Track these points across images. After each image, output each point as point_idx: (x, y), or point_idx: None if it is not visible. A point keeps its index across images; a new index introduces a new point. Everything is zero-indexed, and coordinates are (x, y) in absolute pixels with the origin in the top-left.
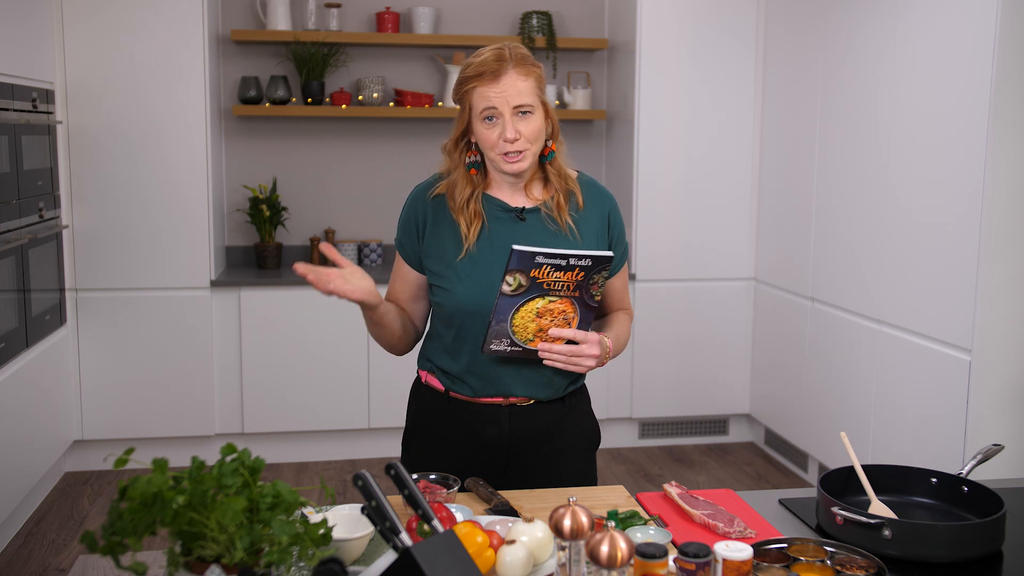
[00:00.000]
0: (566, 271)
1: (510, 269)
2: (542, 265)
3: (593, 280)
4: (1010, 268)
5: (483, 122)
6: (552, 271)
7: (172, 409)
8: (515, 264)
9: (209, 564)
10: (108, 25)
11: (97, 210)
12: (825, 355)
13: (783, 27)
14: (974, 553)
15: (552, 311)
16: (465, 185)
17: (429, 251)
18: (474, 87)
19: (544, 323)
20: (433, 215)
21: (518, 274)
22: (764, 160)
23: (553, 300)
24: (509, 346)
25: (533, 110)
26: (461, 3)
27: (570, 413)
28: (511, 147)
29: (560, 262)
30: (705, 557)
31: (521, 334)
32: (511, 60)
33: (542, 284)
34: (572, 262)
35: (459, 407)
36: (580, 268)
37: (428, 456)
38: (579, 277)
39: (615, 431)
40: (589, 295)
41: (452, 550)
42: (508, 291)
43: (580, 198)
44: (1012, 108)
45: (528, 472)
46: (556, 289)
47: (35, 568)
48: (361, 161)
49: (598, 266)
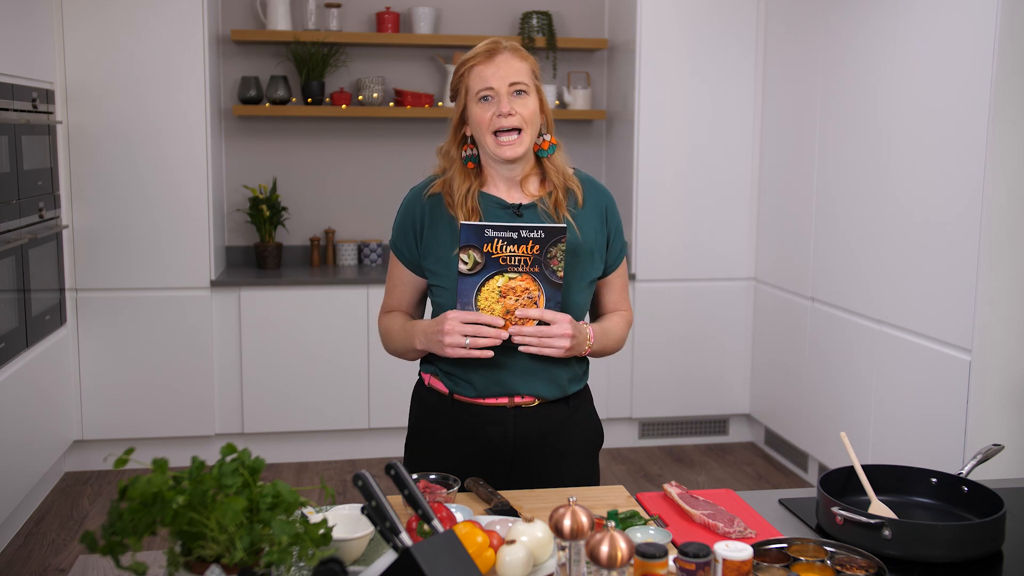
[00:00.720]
0: (519, 244)
1: (462, 246)
2: (493, 239)
3: (550, 254)
4: (1010, 268)
5: (479, 103)
6: (505, 245)
7: (172, 409)
8: (465, 239)
9: (209, 564)
10: (108, 25)
11: (97, 210)
12: (825, 355)
13: (783, 27)
14: (974, 553)
15: (515, 289)
16: (463, 180)
17: (428, 251)
18: (471, 67)
19: (509, 303)
20: (430, 214)
21: (471, 251)
22: (764, 160)
23: (513, 277)
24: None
25: (528, 91)
26: (461, 3)
27: (574, 414)
28: (506, 123)
29: (511, 235)
30: (705, 557)
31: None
32: (506, 45)
33: (498, 259)
34: (524, 234)
35: (463, 409)
36: (534, 240)
37: (431, 458)
38: (535, 251)
39: (615, 431)
40: (551, 270)
41: (452, 550)
42: (465, 270)
43: (580, 196)
44: (1012, 108)
45: (532, 473)
46: (514, 265)
47: (35, 568)
48: (361, 161)
49: (552, 238)
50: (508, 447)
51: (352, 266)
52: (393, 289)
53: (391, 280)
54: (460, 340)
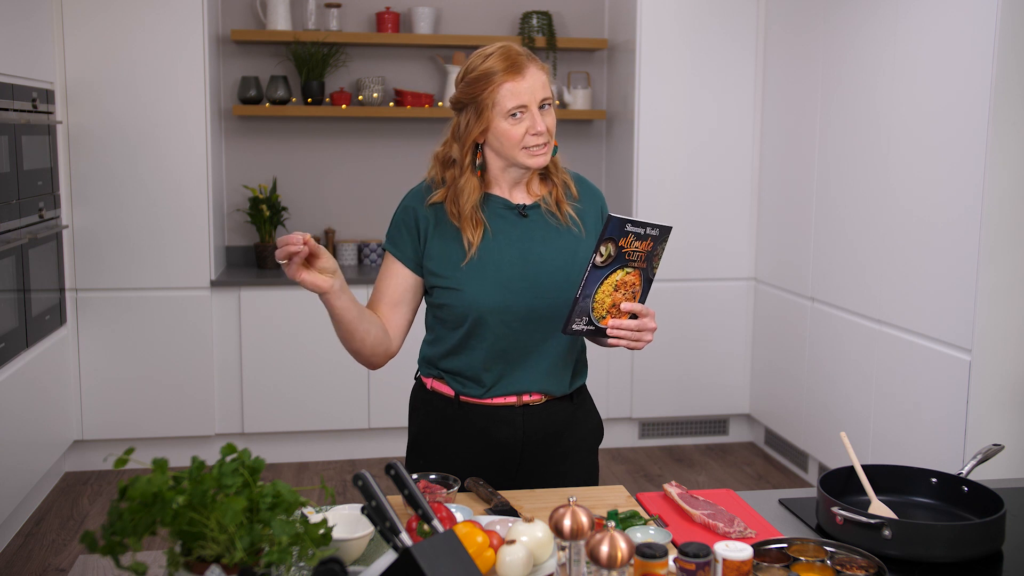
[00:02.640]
0: (643, 240)
1: (604, 239)
2: (628, 234)
3: (656, 252)
4: (1010, 268)
5: (508, 118)
6: (634, 240)
7: (172, 409)
8: (610, 232)
9: (209, 564)
10: (108, 25)
11: (97, 210)
12: (825, 355)
13: (783, 27)
14: (974, 553)
15: (627, 283)
16: (473, 190)
17: (432, 255)
18: (501, 83)
19: (618, 297)
20: (435, 224)
21: (610, 243)
22: (764, 160)
23: (629, 272)
24: (586, 324)
25: (551, 103)
26: (461, 3)
27: (577, 410)
28: (537, 140)
29: (640, 230)
30: (705, 557)
31: (598, 310)
32: (526, 56)
33: (625, 254)
34: (648, 231)
35: (470, 410)
36: (652, 239)
37: (440, 462)
38: (649, 247)
39: (615, 431)
40: (651, 268)
41: (452, 550)
42: (599, 262)
43: (574, 189)
44: (1012, 108)
45: (539, 471)
46: (633, 260)
47: (35, 568)
48: (361, 161)
49: (664, 236)
50: (517, 446)
51: (352, 266)
52: (382, 281)
53: (382, 273)
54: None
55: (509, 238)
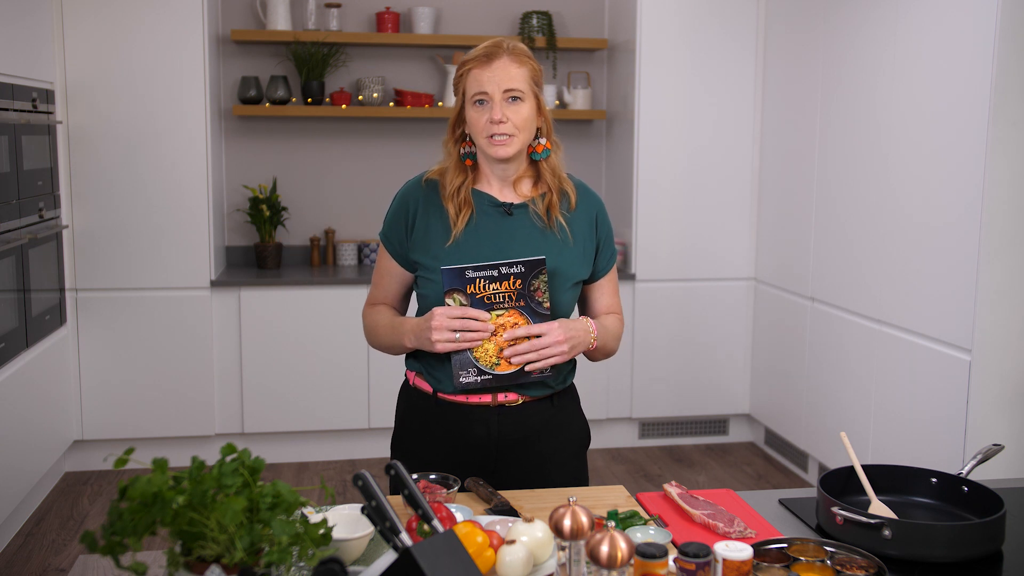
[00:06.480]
0: (501, 281)
1: (446, 290)
2: (474, 279)
3: (533, 286)
4: (1010, 268)
5: (474, 106)
6: (487, 283)
7: (172, 409)
8: (448, 284)
9: (209, 564)
10: (108, 25)
11: (97, 210)
12: (825, 355)
13: (783, 27)
14: (974, 553)
15: (504, 326)
16: (457, 173)
17: (416, 243)
18: (469, 70)
19: (501, 341)
20: (424, 202)
21: (455, 294)
22: (764, 160)
23: (501, 314)
24: (478, 375)
25: (523, 97)
26: (461, 3)
27: (558, 413)
28: (497, 129)
29: (491, 272)
30: (705, 557)
31: (484, 359)
32: (507, 49)
33: (483, 299)
34: (504, 271)
35: (447, 408)
36: (515, 276)
37: (417, 458)
38: (517, 286)
39: (615, 431)
40: (536, 303)
41: (452, 550)
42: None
43: (573, 199)
44: (1012, 108)
45: (517, 474)
46: (499, 302)
47: (35, 568)
48: (361, 161)
49: (533, 270)
50: (491, 446)
51: (352, 266)
52: (380, 281)
53: (378, 271)
54: (450, 335)
55: (490, 234)
